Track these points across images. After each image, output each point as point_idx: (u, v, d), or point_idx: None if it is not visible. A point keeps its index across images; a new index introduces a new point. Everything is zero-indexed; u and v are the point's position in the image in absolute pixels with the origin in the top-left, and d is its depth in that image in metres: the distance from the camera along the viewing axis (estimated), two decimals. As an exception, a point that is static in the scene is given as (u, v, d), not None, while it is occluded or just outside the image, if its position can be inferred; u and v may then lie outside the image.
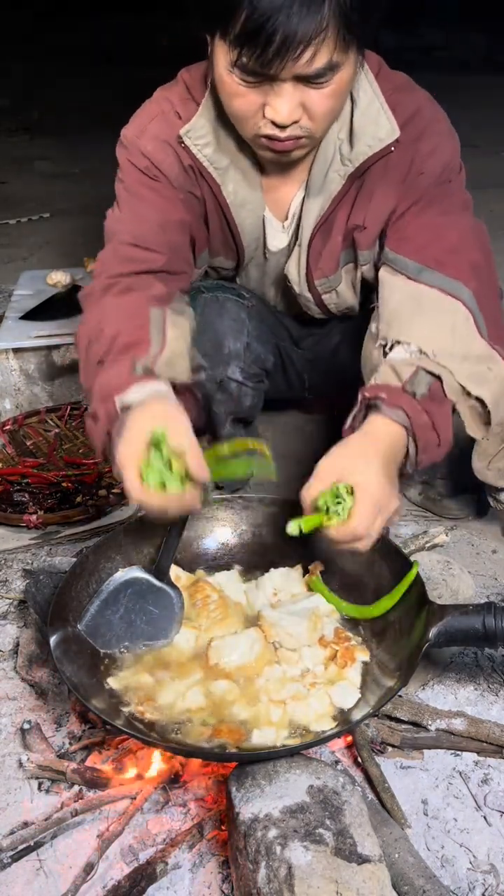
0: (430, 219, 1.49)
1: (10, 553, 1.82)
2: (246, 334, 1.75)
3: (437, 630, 1.23)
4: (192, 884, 1.13)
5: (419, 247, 1.46)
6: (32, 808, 1.24)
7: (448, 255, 1.44)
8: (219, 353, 1.73)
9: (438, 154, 1.49)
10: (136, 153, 1.53)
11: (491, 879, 1.14)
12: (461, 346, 1.38)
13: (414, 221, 1.50)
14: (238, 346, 1.74)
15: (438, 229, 1.47)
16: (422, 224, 1.49)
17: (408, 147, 1.47)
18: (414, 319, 1.41)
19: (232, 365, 1.75)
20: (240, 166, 1.54)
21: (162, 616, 1.40)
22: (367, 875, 0.98)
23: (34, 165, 5.06)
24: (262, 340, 1.81)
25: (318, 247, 1.59)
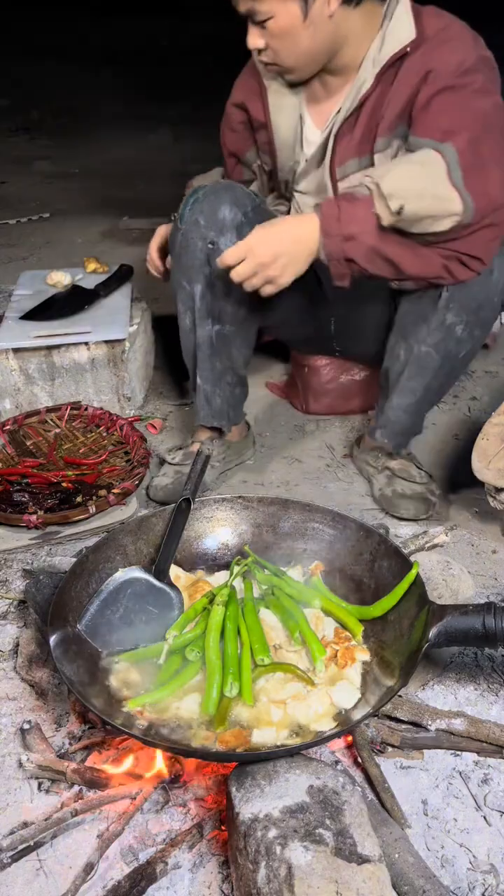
0: (443, 103, 1.66)
1: (10, 553, 1.82)
2: (244, 214, 1.86)
3: (437, 630, 1.23)
4: (192, 884, 1.13)
5: (427, 126, 1.67)
6: (32, 808, 1.24)
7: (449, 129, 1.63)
8: (214, 216, 1.85)
9: (454, 55, 1.66)
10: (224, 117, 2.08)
11: (491, 879, 1.14)
12: (423, 184, 1.60)
13: (430, 108, 1.67)
14: (232, 216, 1.85)
15: (448, 111, 1.65)
16: (437, 108, 1.67)
17: (430, 51, 1.67)
18: (392, 166, 1.67)
19: (226, 235, 1.84)
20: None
21: (162, 616, 1.40)
22: (367, 875, 0.98)
23: (34, 165, 5.06)
24: None
25: (342, 136, 1.82)
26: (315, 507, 1.58)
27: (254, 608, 1.40)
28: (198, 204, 1.86)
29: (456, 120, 1.63)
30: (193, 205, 1.86)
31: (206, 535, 1.60)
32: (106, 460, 2.07)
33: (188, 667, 1.31)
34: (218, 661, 1.29)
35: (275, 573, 1.49)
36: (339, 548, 1.53)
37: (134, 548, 1.52)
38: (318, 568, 1.52)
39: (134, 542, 1.52)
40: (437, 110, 1.66)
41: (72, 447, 2.14)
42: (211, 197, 1.85)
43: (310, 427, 2.40)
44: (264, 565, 1.52)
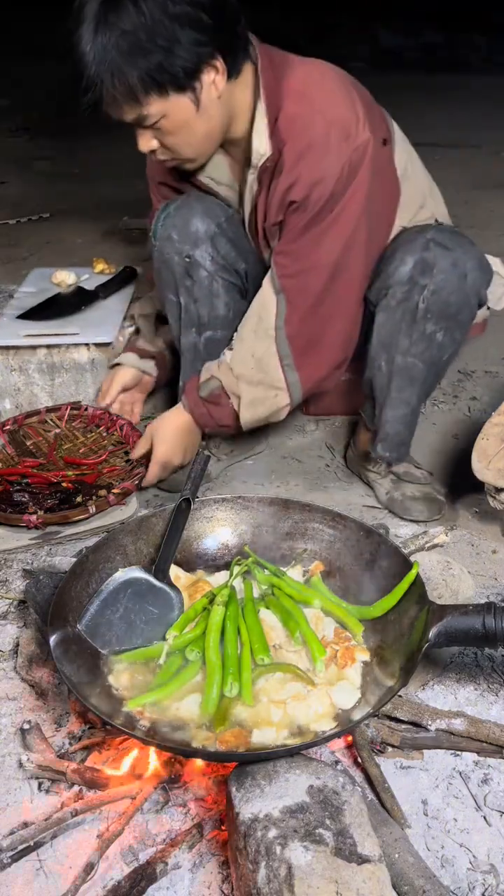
0: (301, 248, 1.74)
1: (10, 553, 1.82)
2: (217, 225, 1.87)
3: (437, 630, 1.23)
4: (192, 884, 1.13)
5: (286, 273, 1.76)
6: (32, 808, 1.24)
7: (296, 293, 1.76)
8: (187, 229, 1.86)
9: (317, 184, 1.66)
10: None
11: (491, 879, 1.14)
12: (260, 374, 1.81)
13: (291, 244, 1.75)
14: (204, 229, 1.85)
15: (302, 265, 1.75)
16: (295, 250, 1.75)
17: (291, 169, 1.66)
18: (245, 334, 1.82)
19: (200, 247, 1.86)
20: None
21: (162, 616, 1.40)
22: (367, 875, 0.98)
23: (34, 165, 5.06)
24: (236, 246, 1.91)
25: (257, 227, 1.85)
26: (315, 507, 1.58)
27: (254, 608, 1.40)
28: (169, 219, 1.86)
29: (299, 279, 1.75)
30: (165, 220, 1.86)
31: (206, 535, 1.60)
32: (106, 460, 2.07)
33: (188, 667, 1.31)
34: (218, 661, 1.29)
35: (275, 573, 1.49)
36: (339, 548, 1.53)
37: (134, 548, 1.51)
38: (318, 568, 1.51)
39: (134, 542, 1.52)
40: (292, 251, 1.74)
41: (72, 447, 2.13)
42: (183, 210, 1.85)
43: (310, 427, 2.40)
44: (264, 565, 1.52)
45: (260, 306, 1.80)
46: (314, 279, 1.75)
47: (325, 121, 1.64)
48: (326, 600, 1.43)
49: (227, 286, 1.91)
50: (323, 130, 1.64)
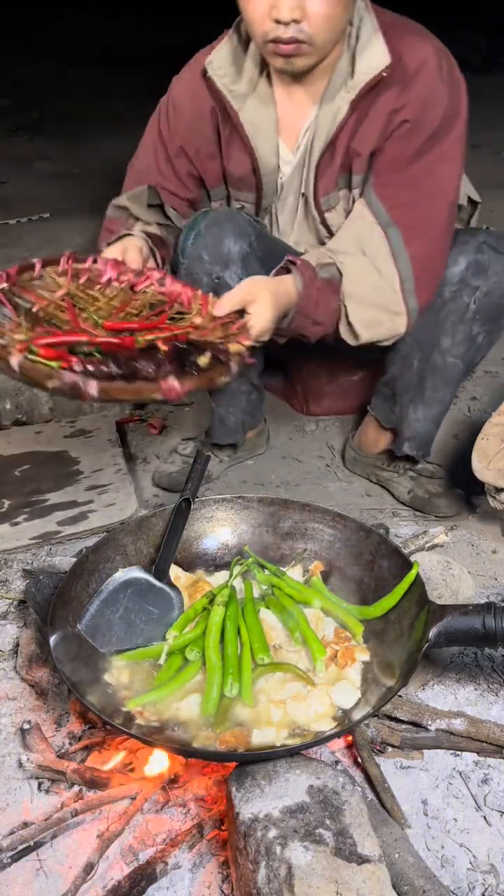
0: (415, 176, 1.66)
1: (10, 553, 1.82)
2: (248, 245, 1.81)
3: (437, 630, 1.23)
4: (192, 884, 1.13)
5: (398, 204, 1.67)
6: (32, 808, 1.24)
7: (416, 225, 1.67)
8: (219, 250, 1.79)
9: (431, 105, 1.62)
10: (166, 98, 1.82)
11: (491, 879, 1.14)
12: (376, 295, 1.67)
13: (400, 172, 1.67)
14: (237, 249, 1.79)
15: (419, 194, 1.67)
16: (407, 179, 1.67)
17: (403, 87, 1.61)
18: (354, 256, 1.68)
19: (230, 268, 1.80)
20: (258, 93, 1.73)
21: (162, 616, 1.40)
22: (367, 875, 0.98)
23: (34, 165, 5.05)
24: (265, 265, 1.82)
25: (324, 168, 1.75)
26: (315, 507, 1.58)
27: (254, 608, 1.40)
28: (200, 238, 1.78)
29: (418, 208, 1.66)
30: (196, 239, 1.79)
31: (206, 535, 1.60)
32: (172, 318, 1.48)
33: (188, 667, 1.31)
34: (218, 662, 1.29)
35: (275, 573, 1.49)
36: (339, 548, 1.53)
37: (134, 548, 1.52)
38: (317, 568, 1.51)
39: (134, 542, 1.52)
40: (403, 181, 1.66)
41: (97, 310, 1.46)
42: (214, 229, 1.78)
43: (310, 427, 2.40)
44: (264, 565, 1.52)
45: (358, 240, 1.68)
46: (435, 208, 1.68)
47: (433, 45, 1.64)
48: (326, 600, 1.43)
49: None
50: (434, 53, 1.63)
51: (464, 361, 1.85)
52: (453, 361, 1.84)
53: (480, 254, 1.74)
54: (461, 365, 1.85)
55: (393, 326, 1.71)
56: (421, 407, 1.92)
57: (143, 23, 9.50)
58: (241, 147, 1.78)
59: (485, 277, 1.74)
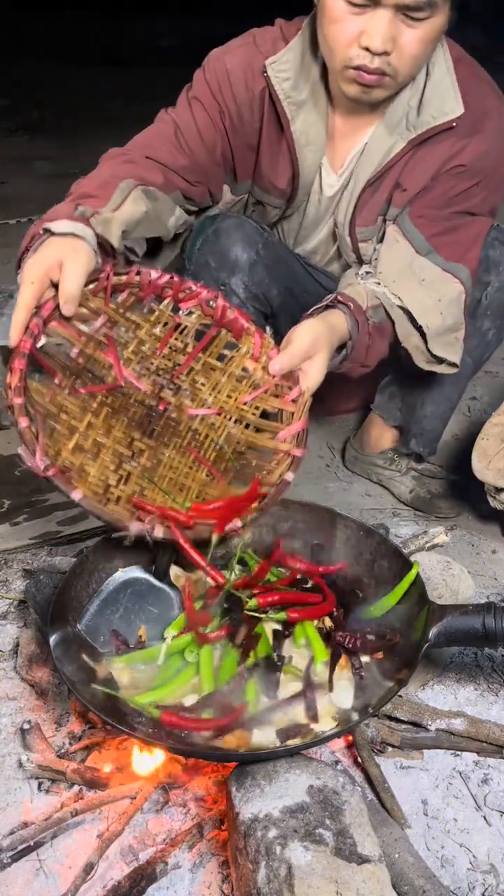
0: (457, 215, 1.66)
1: (10, 553, 1.82)
2: (256, 253, 1.77)
3: (437, 630, 1.23)
4: (192, 884, 1.13)
5: (438, 233, 1.64)
6: (32, 808, 1.24)
7: (458, 250, 1.65)
8: (226, 258, 1.76)
9: (489, 157, 1.62)
10: (213, 69, 1.67)
11: (491, 879, 1.14)
12: (447, 321, 1.62)
13: (441, 209, 1.65)
14: (245, 257, 1.76)
15: (460, 228, 1.66)
16: (448, 216, 1.65)
17: (465, 135, 1.60)
18: (409, 282, 1.62)
19: (237, 276, 1.76)
20: (316, 106, 1.66)
21: (162, 616, 1.40)
22: (367, 875, 0.98)
23: (34, 165, 5.06)
24: (271, 272, 1.82)
25: (367, 198, 1.71)
26: (315, 507, 1.58)
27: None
28: (207, 244, 1.75)
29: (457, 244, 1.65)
30: (203, 244, 1.76)
31: (205, 535, 1.59)
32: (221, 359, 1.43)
33: (188, 667, 1.31)
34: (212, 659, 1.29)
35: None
36: (339, 548, 1.53)
37: (134, 548, 1.51)
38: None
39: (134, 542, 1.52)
40: (442, 217, 1.65)
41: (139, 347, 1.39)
42: (222, 236, 1.75)
43: (310, 427, 2.39)
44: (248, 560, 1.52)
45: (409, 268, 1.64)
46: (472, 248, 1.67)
47: (497, 95, 1.64)
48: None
49: (255, 313, 1.86)
50: (498, 104, 1.63)
51: (473, 358, 1.85)
52: (463, 358, 1.84)
53: (492, 249, 1.75)
54: (470, 361, 1.85)
55: (459, 343, 1.68)
56: (429, 404, 1.92)
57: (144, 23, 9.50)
58: (286, 155, 1.71)
59: (496, 273, 1.76)
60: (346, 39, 1.46)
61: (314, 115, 1.67)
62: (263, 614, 1.34)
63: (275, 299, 1.90)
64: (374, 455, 2.10)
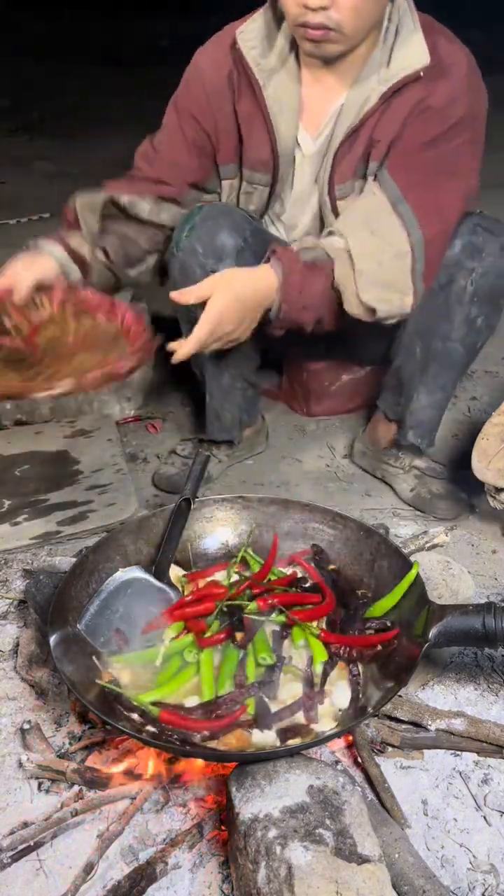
0: (433, 168, 1.67)
1: (10, 553, 1.82)
2: (243, 240, 1.81)
3: (437, 630, 1.23)
4: (192, 884, 1.13)
5: (412, 184, 1.66)
6: (32, 808, 1.24)
7: (427, 203, 1.65)
8: (213, 243, 1.79)
9: (458, 103, 1.65)
10: (189, 72, 1.81)
11: (491, 879, 1.14)
12: (386, 273, 1.64)
13: (415, 155, 1.68)
14: (232, 243, 1.79)
15: (435, 183, 1.67)
16: (423, 162, 1.67)
17: (432, 80, 1.64)
18: (363, 233, 1.65)
19: (225, 261, 1.79)
20: (287, 73, 1.73)
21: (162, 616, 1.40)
22: (367, 875, 0.98)
23: (34, 165, 5.06)
24: (259, 259, 1.81)
25: (343, 153, 1.74)
26: (315, 507, 1.58)
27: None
28: (194, 231, 1.79)
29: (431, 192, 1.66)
30: (190, 231, 1.80)
31: (206, 535, 1.60)
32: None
33: (188, 667, 1.31)
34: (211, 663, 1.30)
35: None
36: (339, 548, 1.53)
37: (134, 548, 1.51)
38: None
39: (134, 541, 1.52)
40: (418, 163, 1.67)
41: (59, 335, 1.73)
42: (209, 223, 1.79)
43: (310, 427, 2.40)
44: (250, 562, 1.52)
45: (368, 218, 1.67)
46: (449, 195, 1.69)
47: (467, 55, 1.68)
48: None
49: None
50: (467, 61, 1.68)
51: (464, 345, 1.84)
52: (453, 346, 1.84)
53: (474, 235, 1.75)
54: (461, 349, 1.85)
55: (401, 305, 1.68)
56: (424, 394, 1.91)
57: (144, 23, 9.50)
58: (262, 125, 1.77)
59: (480, 259, 1.75)
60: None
61: (286, 81, 1.74)
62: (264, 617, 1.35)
63: None
64: (379, 451, 2.10)
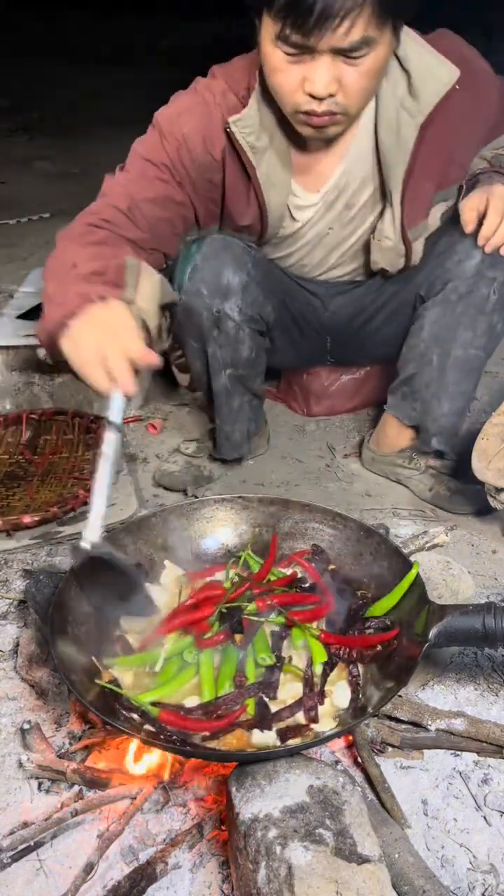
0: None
1: (10, 553, 1.82)
2: (247, 274, 1.79)
3: (437, 630, 1.23)
4: (192, 884, 1.13)
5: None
6: (32, 808, 1.24)
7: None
8: (217, 283, 1.76)
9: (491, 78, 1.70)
10: (169, 134, 1.65)
11: (491, 879, 1.14)
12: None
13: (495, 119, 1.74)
14: (237, 280, 1.77)
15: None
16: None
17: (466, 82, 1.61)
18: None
19: (230, 300, 1.78)
20: (275, 149, 1.67)
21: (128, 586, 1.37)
22: (367, 875, 0.98)
23: (34, 165, 5.06)
24: (264, 288, 1.83)
25: (410, 198, 1.72)
26: (315, 507, 1.58)
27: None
28: (197, 272, 1.76)
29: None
30: (193, 273, 1.76)
31: (206, 535, 1.60)
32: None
33: (188, 668, 1.31)
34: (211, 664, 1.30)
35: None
36: (339, 548, 1.53)
37: (134, 548, 1.51)
38: None
39: (134, 542, 1.52)
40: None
41: (67, 458, 2.13)
42: (211, 262, 1.76)
43: (310, 427, 2.40)
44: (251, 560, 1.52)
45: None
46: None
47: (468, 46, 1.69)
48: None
49: (252, 333, 1.88)
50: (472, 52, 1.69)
51: (486, 352, 1.88)
52: (475, 353, 1.85)
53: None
54: (483, 355, 1.87)
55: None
56: (446, 401, 1.92)
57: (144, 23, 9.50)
58: (252, 199, 1.73)
59: (502, 268, 1.76)
60: (290, 87, 1.46)
61: (275, 158, 1.68)
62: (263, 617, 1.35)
63: (270, 315, 1.91)
64: (392, 455, 2.11)
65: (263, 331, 1.93)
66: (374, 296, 1.98)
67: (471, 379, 1.91)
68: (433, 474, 2.03)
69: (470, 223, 1.69)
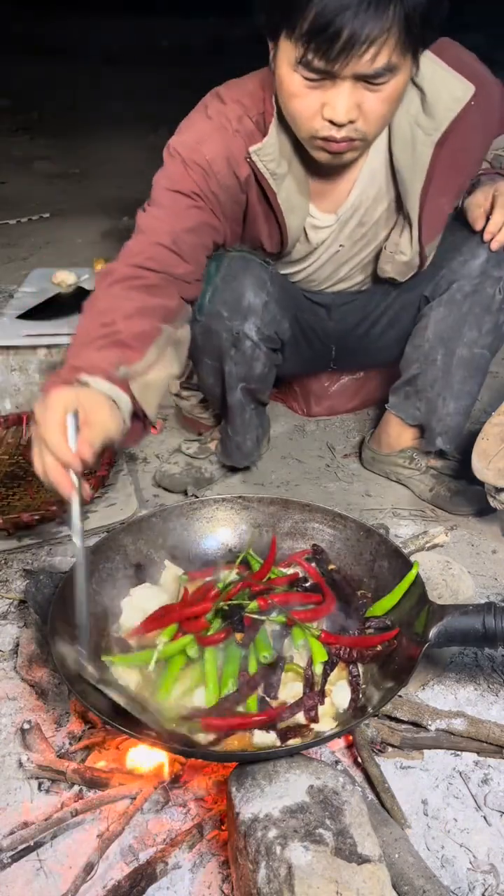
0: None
1: (10, 553, 1.82)
2: (266, 293, 1.79)
3: (437, 630, 1.23)
4: (192, 884, 1.13)
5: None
6: (32, 808, 1.24)
7: None
8: (238, 305, 1.77)
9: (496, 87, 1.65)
10: (193, 163, 1.60)
11: (491, 879, 1.14)
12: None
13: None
14: (258, 302, 1.77)
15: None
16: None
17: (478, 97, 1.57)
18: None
19: (250, 320, 1.78)
20: (294, 173, 1.65)
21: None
22: (367, 875, 0.98)
23: (34, 165, 5.06)
24: (281, 306, 1.84)
25: (428, 215, 1.71)
26: (315, 507, 1.58)
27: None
28: (218, 294, 1.75)
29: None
30: (213, 294, 1.75)
31: (206, 535, 1.60)
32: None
33: (190, 668, 1.31)
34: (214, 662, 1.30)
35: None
36: (339, 548, 1.53)
37: (134, 548, 1.51)
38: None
39: (134, 542, 1.52)
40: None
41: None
42: (231, 283, 1.75)
43: (310, 427, 2.40)
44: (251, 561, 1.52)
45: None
46: None
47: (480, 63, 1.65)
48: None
49: (267, 352, 1.88)
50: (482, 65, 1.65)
51: (491, 351, 1.88)
52: (481, 352, 1.86)
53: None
54: (489, 355, 1.88)
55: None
56: (451, 401, 1.92)
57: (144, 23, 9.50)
58: (273, 222, 1.72)
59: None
60: (308, 112, 1.43)
61: (293, 183, 1.66)
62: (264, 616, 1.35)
63: (285, 332, 1.92)
64: (393, 454, 2.11)
65: (278, 348, 1.93)
66: (378, 301, 1.98)
67: (476, 378, 1.91)
68: (434, 474, 2.03)
69: (478, 220, 1.73)
